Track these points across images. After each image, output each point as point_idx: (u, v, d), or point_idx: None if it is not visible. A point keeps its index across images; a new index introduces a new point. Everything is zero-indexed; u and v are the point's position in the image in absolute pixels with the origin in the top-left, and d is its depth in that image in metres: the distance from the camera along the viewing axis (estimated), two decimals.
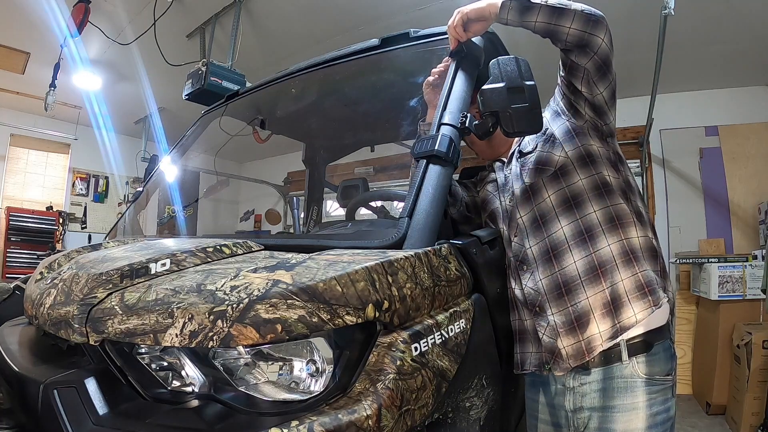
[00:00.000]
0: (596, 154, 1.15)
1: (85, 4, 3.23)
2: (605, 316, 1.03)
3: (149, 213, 3.85)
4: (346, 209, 2.03)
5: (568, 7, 1.09)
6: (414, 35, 1.48)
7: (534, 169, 1.18)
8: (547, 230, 1.12)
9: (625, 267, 1.06)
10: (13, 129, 5.41)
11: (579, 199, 1.11)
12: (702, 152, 4.18)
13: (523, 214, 1.17)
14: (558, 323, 1.07)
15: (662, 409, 1.03)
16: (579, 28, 1.08)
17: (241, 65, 3.45)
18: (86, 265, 1.00)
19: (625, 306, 1.03)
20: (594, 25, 1.08)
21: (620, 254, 1.07)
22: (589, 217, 1.09)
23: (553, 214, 1.12)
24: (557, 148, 1.17)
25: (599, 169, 1.14)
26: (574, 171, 1.14)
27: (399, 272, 0.89)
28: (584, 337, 1.04)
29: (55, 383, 0.81)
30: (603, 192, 1.12)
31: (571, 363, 1.05)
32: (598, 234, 1.08)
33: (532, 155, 1.21)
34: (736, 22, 3.14)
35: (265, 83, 1.92)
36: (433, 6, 3.18)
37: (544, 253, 1.11)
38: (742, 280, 3.34)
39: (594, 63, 1.11)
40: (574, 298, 1.06)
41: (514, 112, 1.06)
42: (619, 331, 1.03)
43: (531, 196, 1.17)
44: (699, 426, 3.10)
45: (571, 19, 1.08)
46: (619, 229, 1.09)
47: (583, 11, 1.08)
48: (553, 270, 1.09)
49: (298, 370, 0.81)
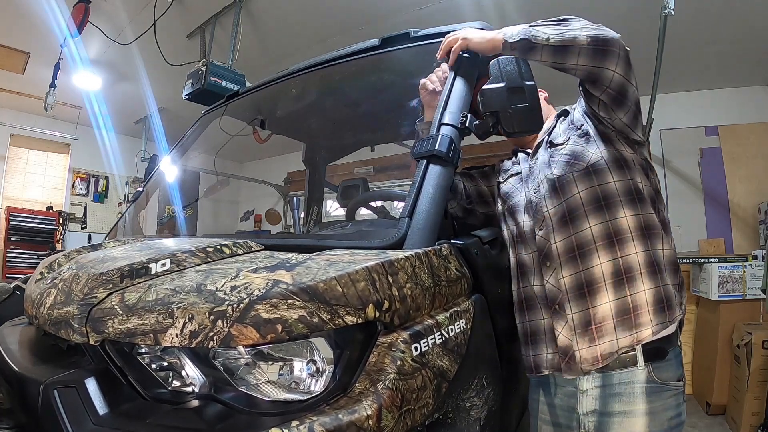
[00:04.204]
0: (630, 160, 1.12)
1: (85, 4, 3.23)
2: (624, 324, 1.02)
3: (149, 213, 3.86)
4: (346, 209, 2.04)
5: (572, 42, 1.02)
6: (414, 35, 1.48)
7: (565, 162, 1.14)
8: (575, 227, 1.09)
9: (650, 278, 1.04)
10: (13, 129, 5.42)
11: (610, 201, 1.08)
12: (702, 152, 4.18)
13: (550, 207, 1.14)
14: (576, 323, 1.05)
15: (676, 413, 1.03)
16: (587, 64, 1.03)
17: (241, 65, 3.45)
18: (86, 265, 1.00)
19: (645, 317, 1.02)
20: (602, 57, 1.02)
21: (646, 264, 1.05)
22: (620, 221, 1.06)
23: (582, 211, 1.09)
24: (592, 145, 1.13)
25: (633, 175, 1.11)
26: (607, 171, 1.10)
27: (399, 272, 0.89)
28: (600, 342, 1.03)
29: (55, 383, 0.81)
30: (635, 199, 1.09)
31: (584, 367, 1.04)
32: (627, 240, 1.05)
33: (563, 147, 1.17)
34: (736, 22, 3.14)
35: (265, 83, 1.92)
36: (433, 6, 3.18)
37: (570, 251, 1.09)
38: (742, 280, 3.34)
39: (608, 95, 1.07)
40: (596, 300, 1.04)
41: (514, 112, 1.06)
42: (635, 341, 1.02)
43: (559, 190, 1.13)
44: (699, 426, 3.10)
45: (576, 56, 1.02)
46: (648, 239, 1.06)
47: (589, 44, 1.01)
48: (577, 269, 1.07)
49: (298, 370, 0.81)
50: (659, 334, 1.03)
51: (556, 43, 1.04)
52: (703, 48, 3.51)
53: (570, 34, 1.03)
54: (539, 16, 1.14)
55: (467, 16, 3.05)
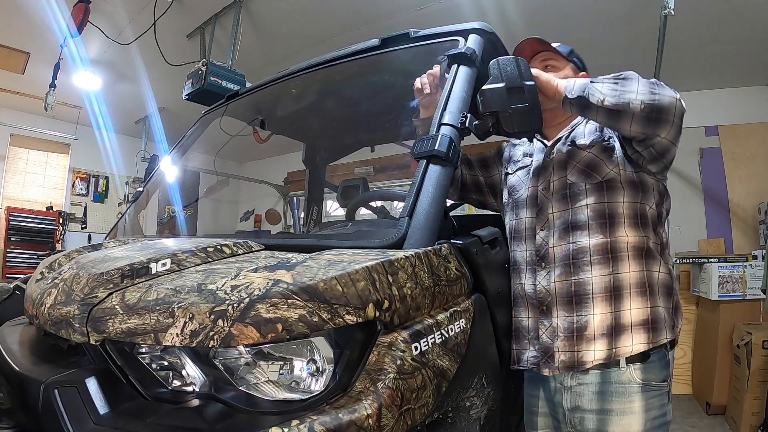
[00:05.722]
0: (647, 184, 1.13)
1: (85, 4, 3.23)
2: (604, 338, 1.05)
3: (149, 213, 3.87)
4: (346, 209, 2.04)
5: (625, 108, 0.99)
6: (414, 35, 1.48)
7: (581, 170, 1.14)
8: (575, 236, 1.11)
9: (638, 298, 1.06)
10: (13, 129, 5.42)
11: (615, 220, 1.09)
12: (702, 152, 4.18)
13: (555, 210, 1.15)
14: (560, 327, 1.09)
15: (659, 413, 1.05)
16: (639, 131, 1.02)
17: (241, 65, 3.46)
18: (87, 265, 1.00)
19: (626, 335, 1.04)
20: (656, 126, 1.00)
21: (637, 284, 1.06)
22: (620, 240, 1.08)
23: (585, 223, 1.11)
24: (612, 161, 1.13)
25: (645, 199, 1.12)
26: (620, 191, 1.11)
27: (399, 272, 0.89)
28: (579, 350, 1.06)
29: (55, 383, 0.81)
30: (639, 222, 1.10)
31: (560, 368, 1.08)
32: (623, 258, 1.07)
33: (584, 153, 1.15)
34: (736, 22, 3.14)
35: (265, 83, 1.92)
36: (433, 6, 3.18)
37: (565, 257, 1.11)
38: (742, 280, 3.34)
39: (649, 153, 1.07)
40: (582, 310, 1.07)
41: (514, 112, 1.06)
42: (612, 356, 1.04)
43: (569, 196, 1.14)
44: (699, 426, 3.10)
45: (629, 122, 1.00)
46: (644, 261, 1.08)
47: (643, 110, 0.98)
48: (569, 276, 1.09)
49: (298, 370, 0.81)
50: (640, 351, 1.04)
51: (610, 106, 1.01)
52: (703, 48, 3.51)
53: (625, 98, 1.00)
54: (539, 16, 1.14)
55: (467, 16, 3.05)
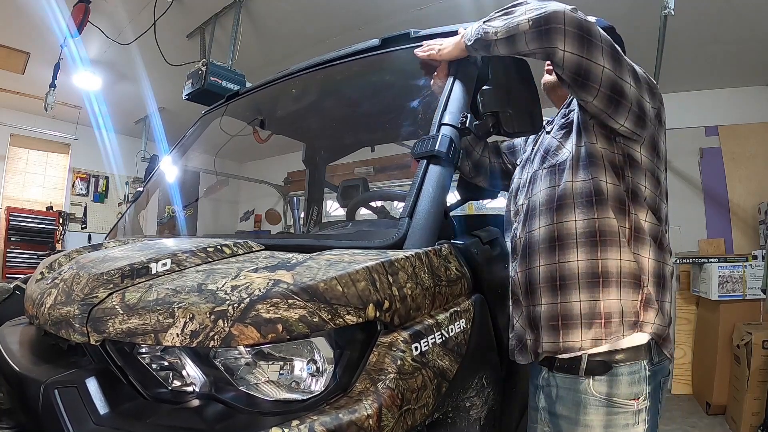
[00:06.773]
0: (598, 156, 1.01)
1: (85, 4, 3.23)
2: (551, 330, 1.00)
3: (149, 213, 3.86)
4: (346, 209, 2.04)
5: (517, 30, 0.97)
6: (414, 35, 1.48)
7: (542, 156, 1.11)
8: (530, 226, 1.08)
9: (587, 289, 0.97)
10: (13, 129, 5.42)
11: (563, 202, 1.02)
12: (702, 152, 4.18)
13: (523, 200, 1.14)
14: (526, 315, 1.06)
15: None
16: (537, 47, 0.96)
17: (241, 65, 3.46)
18: (87, 265, 1.00)
19: (573, 329, 0.97)
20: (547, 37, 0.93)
21: (586, 274, 0.97)
22: (567, 225, 1.00)
23: (536, 211, 1.07)
24: (568, 140, 1.07)
25: (596, 173, 1.00)
26: (572, 170, 1.03)
27: (399, 272, 0.89)
28: (531, 339, 1.04)
29: (56, 383, 0.81)
30: (593, 201, 0.99)
31: (531, 357, 1.05)
32: (570, 246, 0.99)
33: (547, 138, 1.12)
34: (736, 22, 3.14)
35: (265, 83, 1.92)
36: (433, 6, 3.19)
37: (524, 248, 1.09)
38: (742, 280, 3.34)
39: (567, 76, 0.96)
40: (534, 300, 1.04)
41: (514, 112, 1.06)
42: (561, 351, 0.99)
43: (530, 184, 1.11)
44: (699, 426, 3.10)
45: (524, 42, 0.97)
46: (598, 247, 0.97)
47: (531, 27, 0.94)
48: (525, 266, 1.08)
49: (298, 370, 0.81)
50: (597, 348, 0.96)
51: (504, 35, 1.00)
52: (703, 48, 3.51)
53: (513, 22, 0.98)
54: None
55: (467, 16, 3.05)
